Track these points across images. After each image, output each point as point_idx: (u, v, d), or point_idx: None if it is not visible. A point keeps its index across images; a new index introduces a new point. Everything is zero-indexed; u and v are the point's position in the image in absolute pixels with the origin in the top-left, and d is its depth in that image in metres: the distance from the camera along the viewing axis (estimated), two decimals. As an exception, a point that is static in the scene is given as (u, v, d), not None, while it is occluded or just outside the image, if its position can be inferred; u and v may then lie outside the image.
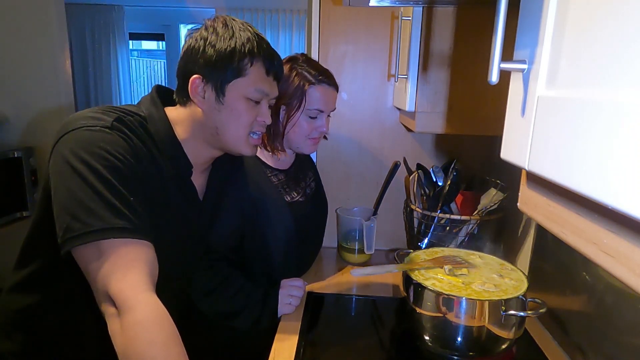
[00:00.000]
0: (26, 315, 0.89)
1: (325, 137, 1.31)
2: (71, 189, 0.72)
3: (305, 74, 1.12)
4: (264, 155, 1.22)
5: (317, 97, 1.12)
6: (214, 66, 0.84)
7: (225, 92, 0.85)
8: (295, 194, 1.27)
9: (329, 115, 1.18)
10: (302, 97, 1.11)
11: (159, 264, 0.77)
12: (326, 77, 1.15)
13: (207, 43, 0.84)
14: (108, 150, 0.75)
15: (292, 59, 1.16)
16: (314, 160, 1.51)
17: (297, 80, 1.12)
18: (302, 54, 1.20)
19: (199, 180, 0.97)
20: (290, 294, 1.15)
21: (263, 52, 0.86)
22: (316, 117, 1.15)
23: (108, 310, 0.69)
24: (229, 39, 0.84)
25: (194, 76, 0.85)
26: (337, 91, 1.19)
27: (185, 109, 0.89)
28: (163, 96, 0.92)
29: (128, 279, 0.69)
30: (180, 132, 0.89)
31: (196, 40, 0.85)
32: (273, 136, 1.17)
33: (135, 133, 0.82)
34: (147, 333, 0.66)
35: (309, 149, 1.18)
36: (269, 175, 1.21)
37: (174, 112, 0.90)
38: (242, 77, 0.85)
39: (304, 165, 1.35)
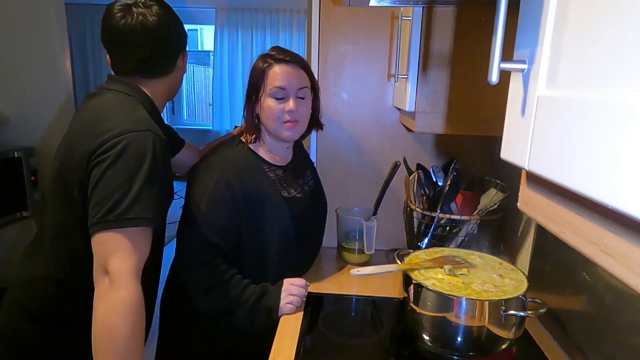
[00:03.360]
0: (47, 305, 1.00)
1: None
2: (116, 180, 0.86)
3: (265, 57, 1.18)
4: (261, 151, 1.22)
5: (275, 76, 1.15)
6: None
7: None
8: (293, 190, 1.27)
9: (302, 97, 1.18)
10: (263, 78, 1.16)
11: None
12: (283, 56, 1.17)
13: None
14: (156, 154, 0.91)
15: (264, 53, 1.21)
16: (314, 160, 1.51)
17: (259, 65, 1.17)
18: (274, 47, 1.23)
19: None
20: (292, 294, 1.15)
21: None
22: (282, 98, 1.16)
23: (103, 280, 0.84)
24: None
25: None
26: (304, 69, 1.19)
27: None
28: None
29: (130, 264, 0.84)
30: None
31: None
32: (249, 121, 1.20)
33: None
34: (125, 310, 0.82)
35: (285, 133, 1.18)
36: (267, 170, 1.21)
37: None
38: None
39: (302, 163, 1.36)
